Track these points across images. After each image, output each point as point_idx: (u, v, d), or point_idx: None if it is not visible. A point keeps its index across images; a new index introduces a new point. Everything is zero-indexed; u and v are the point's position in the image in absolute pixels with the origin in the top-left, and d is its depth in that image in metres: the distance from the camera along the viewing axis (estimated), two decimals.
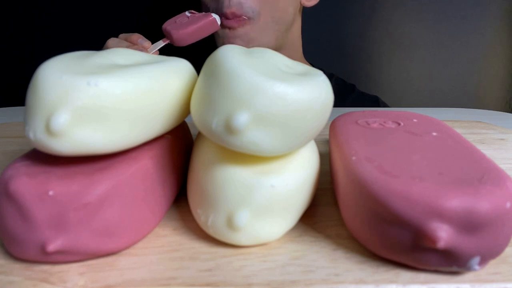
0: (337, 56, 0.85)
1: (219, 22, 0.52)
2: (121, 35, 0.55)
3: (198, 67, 0.21)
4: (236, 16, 0.56)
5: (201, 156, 0.20)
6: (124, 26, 0.79)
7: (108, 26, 0.80)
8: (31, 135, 0.17)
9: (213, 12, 0.59)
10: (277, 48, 0.64)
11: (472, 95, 0.90)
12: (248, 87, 0.17)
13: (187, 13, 0.53)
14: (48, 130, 0.16)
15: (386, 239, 0.17)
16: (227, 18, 0.56)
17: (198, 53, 0.48)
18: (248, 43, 0.60)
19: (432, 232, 0.16)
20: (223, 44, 0.60)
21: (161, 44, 0.50)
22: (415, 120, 0.25)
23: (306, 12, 0.69)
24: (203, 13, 0.53)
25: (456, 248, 0.16)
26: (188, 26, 0.50)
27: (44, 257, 0.17)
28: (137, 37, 0.53)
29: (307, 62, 0.71)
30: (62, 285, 0.17)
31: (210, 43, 0.62)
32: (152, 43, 0.51)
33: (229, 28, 0.58)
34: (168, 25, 0.51)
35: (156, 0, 0.82)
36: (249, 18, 0.57)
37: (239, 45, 0.62)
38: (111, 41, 0.54)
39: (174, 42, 0.51)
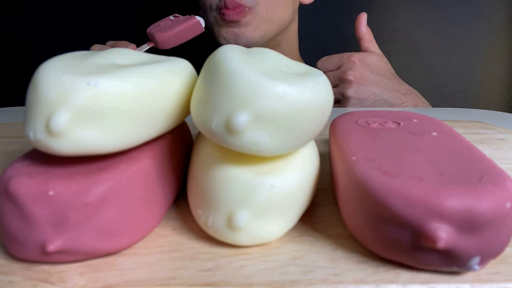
0: None
1: (203, 24, 0.53)
2: (109, 42, 0.56)
3: (198, 67, 0.21)
4: (235, 5, 0.56)
5: (201, 156, 0.20)
6: (121, 28, 0.79)
7: (105, 27, 0.80)
8: (31, 135, 0.17)
9: (212, 4, 0.59)
10: (275, 46, 0.64)
11: (472, 95, 0.90)
12: (248, 87, 0.17)
13: (171, 17, 0.54)
14: (48, 130, 0.16)
15: (386, 239, 0.17)
16: (227, 7, 0.56)
17: (198, 53, 0.48)
18: (252, 33, 0.59)
19: (432, 232, 0.16)
20: (227, 38, 0.60)
21: (145, 47, 0.51)
22: (415, 120, 0.25)
23: (303, 11, 0.69)
24: (187, 16, 0.53)
25: (456, 248, 0.16)
26: (171, 29, 0.51)
27: (44, 257, 0.17)
28: (123, 44, 0.54)
29: (303, 61, 0.71)
30: (62, 285, 0.17)
31: (210, 43, 0.62)
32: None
33: (233, 21, 0.58)
34: (152, 29, 0.52)
35: (147, 5, 0.83)
36: (249, 8, 0.57)
37: (243, 35, 0.62)
38: (94, 47, 0.54)
39: (158, 45, 0.51)
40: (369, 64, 0.55)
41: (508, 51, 0.87)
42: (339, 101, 0.55)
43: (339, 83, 0.55)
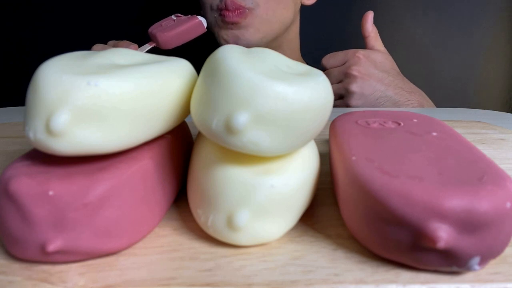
0: None
1: (205, 25, 0.53)
2: (110, 42, 0.56)
3: (198, 67, 0.21)
4: (236, 7, 0.56)
5: (201, 156, 0.20)
6: (123, 27, 0.79)
7: (107, 27, 0.80)
8: (31, 135, 0.17)
9: (212, 4, 0.59)
10: (277, 47, 0.64)
11: (472, 95, 0.90)
12: (248, 87, 0.17)
13: (173, 16, 0.54)
14: (48, 130, 0.16)
15: (386, 239, 0.17)
16: (227, 9, 0.56)
17: (198, 53, 0.48)
18: (253, 35, 0.59)
19: (432, 232, 0.16)
20: (227, 40, 0.60)
21: (147, 47, 0.51)
22: (415, 120, 0.25)
23: (304, 12, 0.69)
24: (189, 16, 0.53)
25: (456, 248, 0.16)
26: (173, 29, 0.51)
27: (44, 257, 0.17)
28: (125, 43, 0.54)
29: (304, 62, 0.71)
30: (62, 285, 0.17)
31: (210, 43, 0.62)
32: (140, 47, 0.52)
33: (233, 23, 0.58)
34: (153, 29, 0.52)
35: (148, 5, 0.83)
36: (249, 9, 0.57)
37: (243, 37, 0.63)
38: (96, 47, 0.54)
39: (159, 45, 0.51)
40: (374, 61, 0.54)
41: (508, 51, 0.87)
42: (343, 96, 0.55)
43: (343, 78, 0.55)
